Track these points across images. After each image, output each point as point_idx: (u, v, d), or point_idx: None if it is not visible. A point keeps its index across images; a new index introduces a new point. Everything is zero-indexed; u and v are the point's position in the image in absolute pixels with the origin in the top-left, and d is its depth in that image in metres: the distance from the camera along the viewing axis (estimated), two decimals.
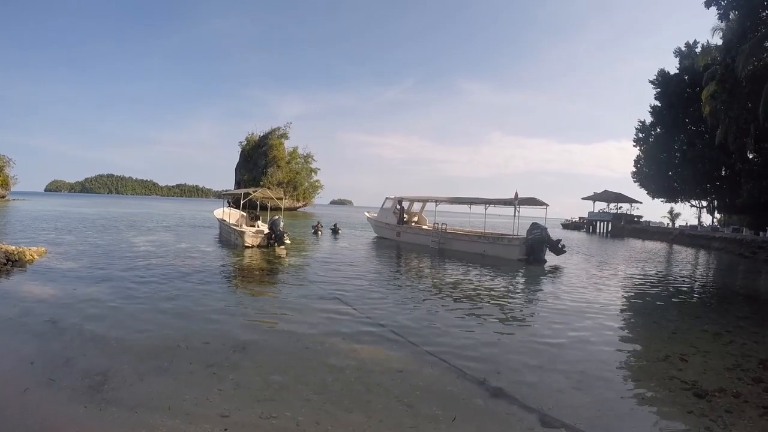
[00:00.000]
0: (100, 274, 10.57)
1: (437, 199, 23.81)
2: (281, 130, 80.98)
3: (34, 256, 12.06)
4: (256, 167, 77.33)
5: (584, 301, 10.27)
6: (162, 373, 4.88)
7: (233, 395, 4.40)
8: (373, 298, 9.49)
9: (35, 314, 6.93)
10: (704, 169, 41.38)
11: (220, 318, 7.25)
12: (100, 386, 4.45)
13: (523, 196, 19.34)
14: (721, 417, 4.47)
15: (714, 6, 25.20)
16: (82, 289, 8.84)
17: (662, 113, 47.21)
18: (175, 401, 4.21)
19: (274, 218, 17.82)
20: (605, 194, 60.87)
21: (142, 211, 50.98)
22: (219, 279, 10.84)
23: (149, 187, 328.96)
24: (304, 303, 8.61)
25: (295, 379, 4.86)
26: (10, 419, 3.82)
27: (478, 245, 19.99)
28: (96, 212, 41.74)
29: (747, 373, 5.87)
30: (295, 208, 75.91)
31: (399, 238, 24.71)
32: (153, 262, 12.64)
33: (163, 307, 7.77)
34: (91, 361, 5.13)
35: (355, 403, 4.37)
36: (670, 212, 62.29)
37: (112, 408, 4.04)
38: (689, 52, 45.43)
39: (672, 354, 6.56)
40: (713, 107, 31.62)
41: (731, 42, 25.44)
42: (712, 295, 13.32)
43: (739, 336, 7.95)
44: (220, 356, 5.43)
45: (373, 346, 6.17)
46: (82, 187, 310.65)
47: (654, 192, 52.67)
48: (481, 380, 5.08)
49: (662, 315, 9.64)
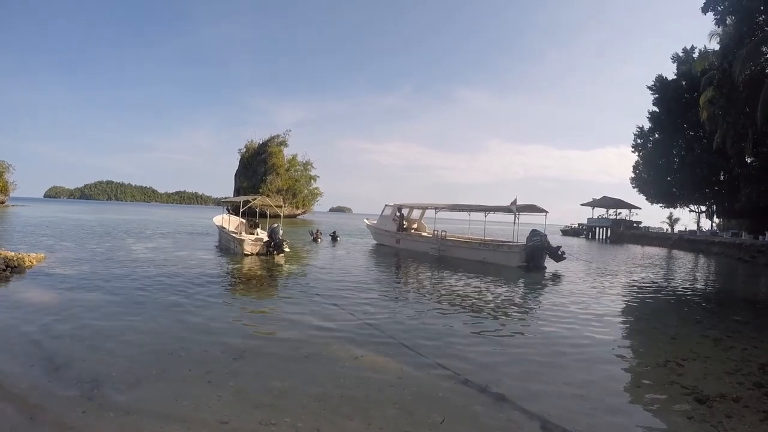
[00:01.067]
0: (98, 280, 10.54)
1: (437, 206, 23.82)
2: (280, 138, 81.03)
3: (33, 262, 12.03)
4: (256, 174, 77.31)
5: (584, 308, 10.25)
6: (161, 379, 4.86)
7: (232, 401, 4.38)
8: (373, 305, 9.46)
9: (33, 320, 6.89)
10: (703, 173, 41.53)
11: (219, 325, 7.23)
12: (98, 392, 4.43)
13: (523, 203, 19.38)
14: (722, 422, 4.46)
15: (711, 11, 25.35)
16: (81, 296, 8.82)
17: (660, 119, 47.45)
18: (174, 407, 4.19)
19: (273, 226, 17.78)
20: (604, 200, 60.96)
21: (141, 218, 50.95)
22: (218, 286, 10.82)
23: (148, 193, 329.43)
24: (303, 310, 8.58)
25: (295, 386, 4.84)
26: (8, 425, 3.80)
27: (478, 252, 19.97)
28: (95, 219, 41.69)
29: (747, 378, 5.85)
30: (294, 215, 75.89)
31: (398, 245, 24.69)
32: (151, 269, 12.62)
33: (162, 314, 7.74)
34: (89, 366, 5.10)
35: (355, 410, 4.35)
36: (669, 217, 62.45)
37: (110, 413, 4.03)
38: (687, 58, 45.73)
39: (672, 359, 6.55)
40: (711, 112, 31.78)
41: (728, 47, 25.59)
42: (712, 300, 13.31)
43: (739, 341, 7.94)
44: (219, 363, 5.41)
45: (373, 353, 6.15)
46: (82, 193, 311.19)
47: (653, 197, 52.83)
48: (482, 387, 5.07)
49: (662, 320, 9.63)
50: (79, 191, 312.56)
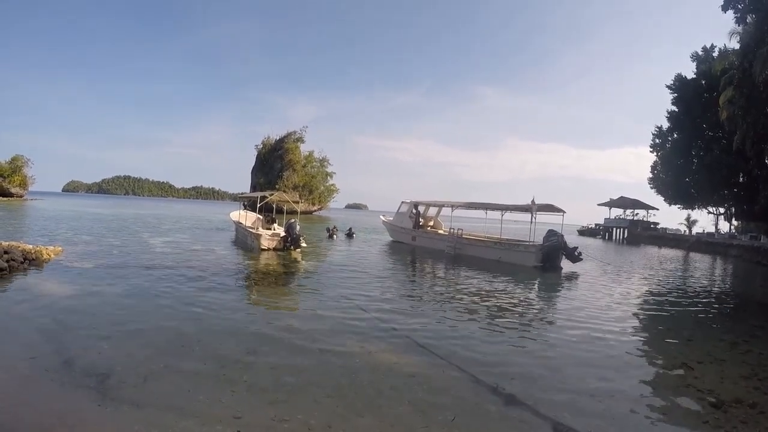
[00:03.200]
0: (115, 273, 10.73)
1: (453, 204, 23.73)
2: (297, 134, 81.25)
3: (50, 255, 12.27)
4: (272, 171, 77.65)
5: (599, 309, 10.17)
6: (175, 373, 4.95)
7: (246, 397, 4.45)
8: (388, 302, 9.50)
9: (49, 312, 7.04)
10: (721, 175, 40.70)
11: (235, 320, 7.32)
12: (113, 385, 4.52)
13: (540, 203, 19.21)
14: (737, 428, 4.41)
15: (731, 9, 24.90)
16: (97, 289, 8.98)
17: (679, 118, 46.65)
18: (188, 402, 4.26)
19: (290, 221, 17.90)
20: (621, 200, 60.20)
21: (158, 212, 51.61)
22: (234, 281, 10.94)
23: (165, 189, 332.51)
24: (318, 306, 8.65)
25: (308, 382, 4.89)
26: (23, 417, 3.90)
27: (494, 251, 19.84)
28: (112, 213, 42.35)
29: (764, 383, 5.77)
30: (310, 211, 76.06)
31: (414, 242, 24.68)
32: (168, 263, 12.80)
33: (177, 307, 7.86)
34: (104, 360, 5.21)
35: (367, 407, 4.39)
36: (687, 219, 61.52)
37: (125, 407, 4.10)
38: (706, 57, 44.88)
39: (688, 362, 6.48)
40: (731, 112, 31.16)
41: (749, 46, 25.09)
42: (729, 304, 13.11)
43: (756, 345, 7.82)
44: (233, 358, 5.48)
45: (386, 351, 6.18)
46: (99, 188, 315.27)
47: (671, 198, 52.01)
48: (494, 387, 5.07)
49: (678, 323, 9.52)
50: (96, 186, 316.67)
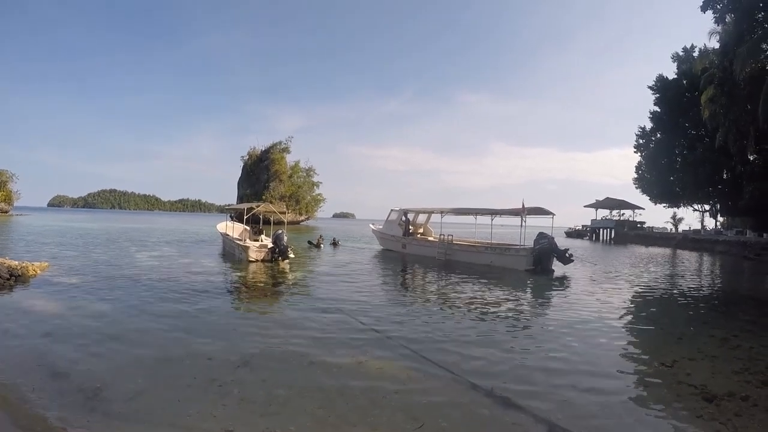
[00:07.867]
0: (102, 288, 10.56)
1: (443, 211, 23.75)
2: (282, 144, 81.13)
3: (36, 271, 12.08)
4: (259, 182, 77.43)
5: (591, 310, 10.19)
6: (165, 387, 4.86)
7: (237, 410, 4.37)
8: (379, 310, 9.44)
9: (36, 328, 6.91)
10: (705, 172, 41.38)
11: (224, 333, 7.21)
12: (102, 400, 4.42)
13: (529, 206, 19.30)
14: (731, 420, 4.43)
15: (710, 9, 25.37)
16: (84, 304, 8.84)
17: (662, 118, 47.42)
18: (179, 416, 4.18)
19: (277, 232, 17.75)
20: (607, 201, 60.78)
21: (144, 226, 51.01)
22: (222, 294, 10.82)
23: (152, 202, 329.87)
24: (308, 317, 8.56)
25: (300, 394, 4.82)
26: None
27: (485, 256, 19.84)
28: (99, 227, 41.77)
29: (755, 377, 5.82)
30: (297, 221, 75.85)
31: (405, 250, 24.59)
32: (155, 277, 12.63)
33: (166, 322, 7.73)
34: (93, 375, 5.10)
35: (360, 417, 4.33)
36: (673, 217, 62.32)
37: (115, 422, 4.03)
38: (687, 57, 45.75)
39: (679, 359, 6.51)
40: (712, 110, 31.73)
41: (728, 45, 25.63)
42: (718, 299, 13.24)
43: (746, 340, 7.89)
44: (224, 371, 5.39)
45: (379, 359, 6.12)
46: (85, 202, 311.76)
47: (656, 197, 52.72)
48: (488, 390, 5.04)
49: (668, 320, 9.59)
50: (82, 200, 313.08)
